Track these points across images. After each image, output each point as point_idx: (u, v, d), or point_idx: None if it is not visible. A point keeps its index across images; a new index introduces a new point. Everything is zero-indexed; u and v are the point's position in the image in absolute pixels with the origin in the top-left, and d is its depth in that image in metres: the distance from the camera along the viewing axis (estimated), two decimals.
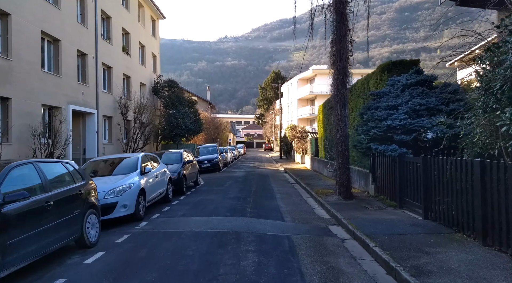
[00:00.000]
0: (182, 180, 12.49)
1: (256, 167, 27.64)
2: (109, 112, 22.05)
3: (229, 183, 16.05)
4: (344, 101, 10.73)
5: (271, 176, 19.62)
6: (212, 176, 20.19)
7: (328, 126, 20.17)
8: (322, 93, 42.60)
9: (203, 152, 23.76)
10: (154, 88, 29.09)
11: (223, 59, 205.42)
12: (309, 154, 24.28)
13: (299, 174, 19.86)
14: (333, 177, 14.69)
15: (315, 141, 23.56)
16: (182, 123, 27.35)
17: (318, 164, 21.13)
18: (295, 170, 23.22)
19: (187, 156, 14.33)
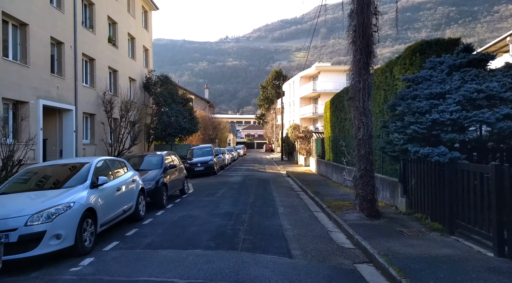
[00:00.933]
0: (161, 190, 9.92)
1: (256, 169, 25.07)
2: (91, 109, 19.54)
3: (222, 190, 13.48)
4: (367, 90, 8.15)
5: (272, 181, 17.04)
6: (205, 181, 17.63)
7: (337, 125, 17.59)
8: (326, 91, 40.04)
9: (197, 154, 21.20)
10: (146, 85, 26.55)
11: (224, 60, 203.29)
12: (314, 156, 21.70)
13: (304, 179, 17.28)
14: (350, 186, 12.13)
15: (321, 142, 20.98)
16: (175, 122, 24.80)
17: (325, 168, 18.54)
18: (299, 173, 20.63)
19: (171, 159, 11.76)
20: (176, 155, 12.80)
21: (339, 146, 16.68)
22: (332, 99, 18.58)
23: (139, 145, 26.07)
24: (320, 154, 20.71)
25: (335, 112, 17.94)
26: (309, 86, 41.80)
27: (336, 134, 17.54)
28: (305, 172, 21.60)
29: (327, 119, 19.90)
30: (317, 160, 20.51)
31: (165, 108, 25.17)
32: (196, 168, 19.69)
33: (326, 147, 19.65)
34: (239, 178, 18.63)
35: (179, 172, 12.09)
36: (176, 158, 12.66)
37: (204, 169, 19.77)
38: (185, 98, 27.47)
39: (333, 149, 18.06)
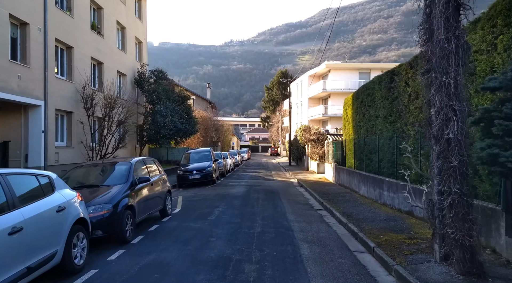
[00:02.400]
0: (123, 217, 6.47)
1: (262, 176, 21.57)
2: (67, 105, 16.26)
3: (219, 209, 9.98)
4: (463, 55, 4.69)
5: (282, 194, 13.53)
6: (200, 192, 14.16)
7: (363, 124, 14.07)
8: (337, 91, 36.53)
9: (193, 159, 17.77)
10: (138, 80, 23.24)
11: (229, 63, 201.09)
12: (331, 161, 18.17)
13: (323, 191, 13.76)
14: (390, 205, 8.58)
15: (339, 145, 17.46)
16: (170, 122, 21.44)
17: (348, 177, 14.99)
18: (314, 183, 17.11)
19: (147, 170, 8.32)
20: (156, 163, 9.37)
21: (367, 150, 13.18)
22: (356, 94, 15.08)
23: (128, 148, 22.72)
24: (339, 160, 17.19)
25: (360, 108, 14.44)
26: (318, 85, 38.31)
27: (362, 136, 14.03)
28: (320, 181, 18.07)
29: (348, 118, 16.40)
30: (335, 166, 16.99)
31: (159, 107, 21.82)
32: (191, 175, 16.25)
33: (347, 152, 16.14)
34: (242, 188, 15.14)
35: (158, 185, 8.65)
36: (157, 166, 9.23)
37: (201, 177, 16.33)
38: (182, 96, 24.13)
39: (357, 154, 14.54)
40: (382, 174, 11.23)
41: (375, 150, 12.34)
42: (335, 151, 17.71)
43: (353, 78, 37.28)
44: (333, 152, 17.95)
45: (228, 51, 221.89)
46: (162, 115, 21.40)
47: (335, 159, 17.74)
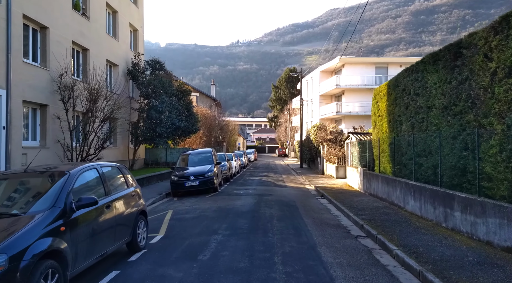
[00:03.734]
0: (31, 279, 3.36)
1: (272, 182, 18.40)
2: (40, 97, 13.33)
3: (218, 238, 6.80)
4: None
5: (303, 209, 10.34)
6: (197, 205, 11.02)
7: (405, 120, 10.86)
8: (351, 87, 33.27)
9: (191, 161, 14.69)
10: (132, 72, 20.26)
11: (235, 64, 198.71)
12: (357, 165, 14.94)
13: (353, 205, 10.57)
14: (465, 233, 5.31)
15: (366, 146, 14.24)
16: (167, 119, 18.41)
17: (383, 185, 11.73)
18: (337, 191, 13.90)
19: (102, 184, 5.21)
20: (123, 170, 6.27)
21: (412, 152, 9.97)
22: (394, 81, 11.86)
23: (120, 149, 19.74)
24: (367, 164, 13.97)
25: (400, 99, 11.22)
26: (331, 81, 35.06)
27: (404, 134, 10.82)
28: (343, 189, 14.86)
29: (381, 112, 13.18)
30: (363, 172, 13.75)
31: (154, 101, 18.82)
32: (188, 182, 13.16)
33: (379, 153, 12.92)
34: (250, 199, 11.97)
35: (122, 207, 5.54)
36: (124, 176, 6.14)
37: (200, 184, 13.23)
38: (182, 89, 21.09)
39: (396, 157, 11.32)
40: (443, 185, 8.03)
41: (428, 152, 9.14)
42: (364, 153, 14.47)
43: (369, 73, 33.99)
44: (359, 153, 14.72)
45: (235, 51, 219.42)
46: (157, 111, 18.38)
47: (362, 162, 14.51)
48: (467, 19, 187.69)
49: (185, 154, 15.18)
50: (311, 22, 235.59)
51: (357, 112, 33.21)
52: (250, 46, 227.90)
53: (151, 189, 14.84)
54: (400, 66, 35.43)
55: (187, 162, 14.74)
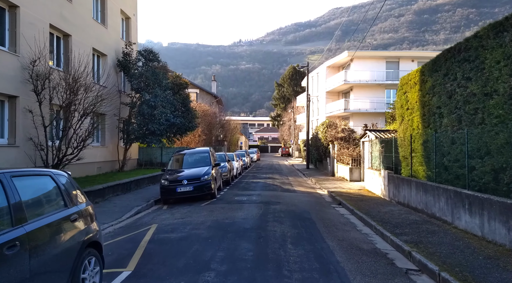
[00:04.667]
0: None
1: (278, 185, 16.18)
2: (7, 87, 11.23)
3: (209, 279, 4.60)
4: None
5: (321, 224, 8.08)
6: (188, 218, 8.78)
7: (447, 113, 8.61)
8: (361, 83, 31.01)
9: (185, 162, 12.48)
10: (123, 63, 18.07)
11: (237, 63, 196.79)
12: (379, 168, 12.68)
13: (384, 218, 8.34)
14: None
15: (393, 145, 11.98)
16: (161, 115, 16.22)
17: (418, 193, 9.44)
18: (356, 198, 11.65)
19: (9, 207, 2.99)
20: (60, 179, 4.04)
21: (460, 152, 7.74)
22: (432, 64, 9.61)
23: (109, 148, 17.58)
24: (392, 165, 11.71)
25: (441, 86, 8.97)
26: (338, 77, 32.80)
27: (447, 130, 8.59)
28: (363, 194, 12.61)
29: (410, 104, 10.93)
30: (387, 175, 11.49)
31: (146, 95, 16.65)
32: (180, 187, 10.95)
33: (409, 154, 10.68)
34: (254, 209, 9.74)
35: (51, 238, 3.34)
36: (62, 194, 3.91)
37: (194, 189, 11.02)
38: (178, 83, 18.89)
39: (434, 158, 9.08)
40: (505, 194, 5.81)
41: (485, 152, 6.91)
42: (386, 152, 12.21)
43: (379, 68, 31.70)
44: (382, 154, 12.46)
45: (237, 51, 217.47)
46: (150, 105, 16.19)
47: (385, 163, 12.25)
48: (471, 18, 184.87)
49: (179, 154, 12.96)
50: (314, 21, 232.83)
51: (366, 109, 30.93)
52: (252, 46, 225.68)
53: (139, 195, 12.66)
54: (412, 60, 33.11)
55: (180, 163, 12.54)
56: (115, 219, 9.13)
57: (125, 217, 9.44)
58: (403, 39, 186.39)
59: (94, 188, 10.95)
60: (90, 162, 15.95)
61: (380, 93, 31.85)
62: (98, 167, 16.81)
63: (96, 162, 16.61)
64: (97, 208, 10.19)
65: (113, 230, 8.00)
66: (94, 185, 11.92)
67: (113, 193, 12.11)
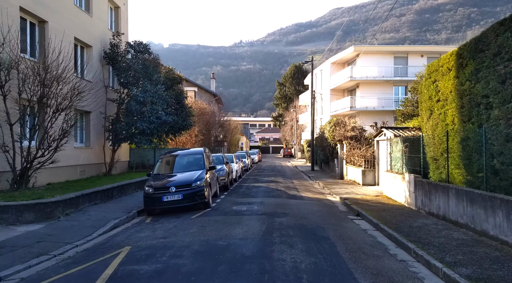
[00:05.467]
0: None
1: (283, 190, 14.30)
2: None
3: None
4: None
5: (341, 245, 6.17)
6: (172, 238, 6.85)
7: (500, 100, 6.74)
8: (367, 79, 29.14)
9: (176, 165, 10.62)
10: (110, 55, 16.23)
11: (238, 64, 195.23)
12: (402, 171, 10.75)
13: (424, 237, 6.43)
14: None
15: (421, 144, 10.07)
16: (151, 112, 14.36)
17: (457, 203, 7.49)
18: (376, 207, 9.75)
19: None
20: None
21: None
22: (475, 43, 7.71)
23: (95, 149, 15.75)
24: (420, 168, 9.81)
25: (489, 70, 7.09)
26: (343, 73, 30.90)
27: (495, 124, 6.72)
28: (383, 202, 10.70)
29: (444, 95, 9.04)
30: (414, 180, 9.58)
31: (135, 90, 14.81)
32: (167, 196, 9.08)
33: (434, 155, 8.79)
34: (255, 224, 7.83)
35: None
36: None
37: (184, 198, 9.14)
38: (171, 77, 17.04)
39: (472, 160, 7.20)
40: None
41: None
42: (411, 152, 10.30)
43: (387, 63, 29.81)
44: (405, 154, 10.55)
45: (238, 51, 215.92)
46: (138, 101, 14.35)
47: (410, 166, 10.34)
48: (472, 18, 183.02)
49: (167, 156, 11.07)
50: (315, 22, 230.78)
51: (374, 107, 29.04)
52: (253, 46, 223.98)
53: (121, 203, 10.79)
54: (422, 55, 31.17)
55: (169, 166, 10.67)
56: (83, 237, 7.29)
57: (96, 234, 7.59)
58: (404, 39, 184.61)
59: (65, 197, 9.10)
60: (71, 165, 14.13)
61: (388, 90, 29.97)
62: (81, 171, 14.98)
63: (79, 165, 14.78)
64: (65, 222, 8.37)
65: (74, 255, 6.15)
66: (69, 192, 10.08)
67: (90, 202, 10.26)
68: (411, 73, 28.83)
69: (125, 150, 18.64)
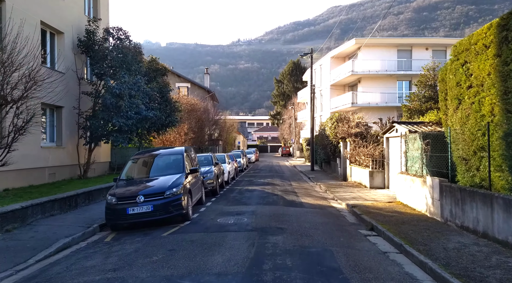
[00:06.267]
0: None
1: (280, 195, 12.43)
2: None
3: None
4: None
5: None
6: (122, 275, 5.06)
7: None
8: (370, 73, 27.35)
9: (152, 168, 8.74)
10: (85, 43, 14.29)
11: (236, 63, 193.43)
12: (422, 173, 8.88)
13: (470, 267, 4.52)
14: None
15: (449, 141, 8.20)
16: (129, 107, 12.45)
17: (505, 217, 5.67)
18: (393, 217, 7.88)
19: None
20: None
21: None
22: None
23: (68, 149, 13.84)
24: (447, 171, 7.95)
25: None
26: (344, 67, 29.07)
27: None
28: (398, 210, 8.84)
29: (478, 79, 7.16)
30: (439, 184, 7.72)
31: (110, 81, 12.90)
32: (133, 208, 7.19)
33: (464, 154, 6.94)
34: (241, 246, 5.96)
35: None
36: None
37: (155, 210, 7.25)
38: (154, 68, 15.12)
39: None
40: None
41: None
42: (434, 151, 8.43)
43: (390, 56, 28.00)
44: (427, 153, 8.68)
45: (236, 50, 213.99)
46: (114, 94, 12.44)
47: (430, 167, 8.49)
48: (470, 15, 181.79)
49: (140, 156, 9.15)
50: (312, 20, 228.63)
51: (377, 103, 27.23)
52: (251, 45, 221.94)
53: (84, 214, 8.90)
54: (427, 48, 29.28)
55: (141, 169, 8.78)
56: (13, 265, 5.44)
57: (33, 260, 5.73)
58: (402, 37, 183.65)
59: (5, 209, 7.21)
60: (38, 167, 12.23)
61: (391, 85, 28.15)
62: (51, 174, 13.08)
63: (48, 167, 12.88)
64: None
65: None
66: (21, 200, 8.22)
67: (44, 213, 8.36)
68: (415, 67, 27.06)
69: (105, 149, 16.74)
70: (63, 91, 13.52)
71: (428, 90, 17.29)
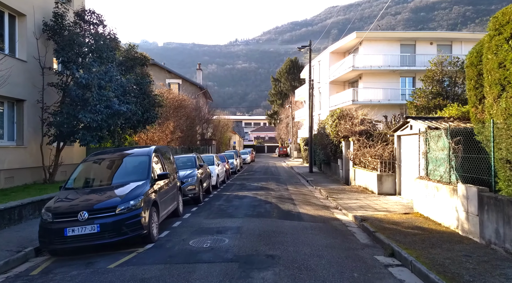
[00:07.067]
0: None
1: (274, 204, 10.56)
2: None
3: None
4: None
5: None
6: None
7: None
8: (372, 69, 25.59)
9: (108, 173, 6.86)
10: (53, 27, 12.36)
11: (234, 62, 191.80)
12: (451, 180, 7.02)
13: None
14: None
15: (492, 140, 6.35)
16: (97, 99, 10.50)
17: None
18: (416, 235, 6.01)
19: None
20: None
21: None
22: None
23: (29, 149, 11.92)
24: (490, 177, 6.10)
25: None
26: (345, 63, 27.26)
27: None
28: (420, 226, 6.98)
29: None
30: (476, 195, 5.90)
31: (75, 70, 10.97)
32: (72, 229, 5.28)
33: (508, 155, 5.09)
34: None
35: None
36: None
37: (102, 231, 5.35)
38: (132, 57, 13.19)
39: None
40: None
41: None
42: (468, 152, 6.58)
43: (393, 51, 26.25)
44: (453, 155, 6.84)
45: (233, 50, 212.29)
46: (80, 85, 10.53)
47: (460, 172, 6.64)
48: (467, 16, 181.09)
49: (94, 159, 7.23)
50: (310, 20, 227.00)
51: (379, 100, 25.42)
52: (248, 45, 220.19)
53: (23, 232, 6.99)
54: (431, 43, 27.50)
55: (94, 174, 6.88)
56: None
57: None
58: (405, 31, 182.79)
59: None
60: None
61: (394, 81, 26.41)
62: (8, 177, 11.15)
63: (4, 170, 10.96)
64: None
65: None
66: None
67: None
68: (419, 63, 25.35)
69: (79, 149, 14.79)
70: (25, 82, 11.64)
71: (436, 86, 15.69)
